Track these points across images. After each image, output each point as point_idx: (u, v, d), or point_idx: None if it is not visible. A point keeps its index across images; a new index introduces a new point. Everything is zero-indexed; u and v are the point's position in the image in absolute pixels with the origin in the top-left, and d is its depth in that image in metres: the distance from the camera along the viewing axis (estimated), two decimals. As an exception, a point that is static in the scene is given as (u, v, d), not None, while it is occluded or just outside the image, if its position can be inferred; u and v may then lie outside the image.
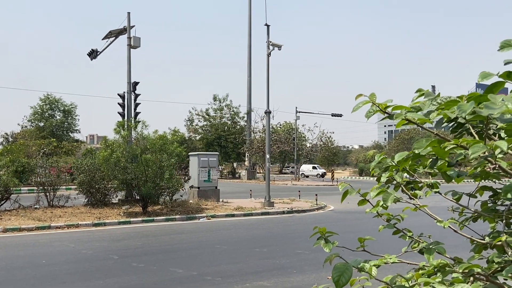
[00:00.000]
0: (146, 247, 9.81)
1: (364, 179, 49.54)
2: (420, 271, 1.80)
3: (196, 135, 50.37)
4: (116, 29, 20.47)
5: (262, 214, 15.60)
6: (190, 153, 19.08)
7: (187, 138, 49.19)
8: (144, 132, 15.23)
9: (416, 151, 1.63)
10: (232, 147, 47.94)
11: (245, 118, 48.76)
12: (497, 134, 1.85)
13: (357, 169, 64.92)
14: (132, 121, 17.67)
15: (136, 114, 19.06)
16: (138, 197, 15.10)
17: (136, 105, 19.09)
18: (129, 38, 19.56)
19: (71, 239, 10.80)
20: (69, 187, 21.51)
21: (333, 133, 48.62)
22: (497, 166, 1.30)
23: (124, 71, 19.61)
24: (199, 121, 50.58)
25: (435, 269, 1.72)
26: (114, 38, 20.85)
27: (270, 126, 47.96)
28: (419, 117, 1.40)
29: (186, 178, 16.66)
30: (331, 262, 1.70)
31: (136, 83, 19.18)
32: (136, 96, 19.10)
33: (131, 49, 19.64)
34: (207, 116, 50.15)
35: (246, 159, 47.15)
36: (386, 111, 1.50)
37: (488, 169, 1.31)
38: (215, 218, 14.52)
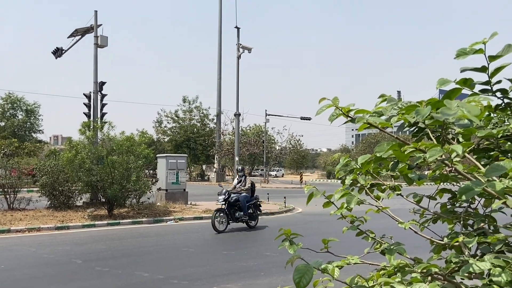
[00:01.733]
0: (111, 250, 9.57)
1: (332, 182, 50.32)
2: (381, 272, 1.84)
3: (165, 137, 49.72)
4: (82, 27, 19.94)
5: (231, 216, 15.53)
6: (158, 155, 18.79)
7: (155, 139, 48.48)
8: (111, 133, 14.90)
9: (378, 154, 1.68)
10: (201, 149, 47.61)
11: (215, 120, 48.56)
12: (455, 139, 1.93)
13: (325, 172, 65.97)
14: (98, 122, 17.23)
15: (103, 114, 18.60)
16: (104, 200, 14.73)
17: (103, 105, 18.65)
18: (96, 37, 19.09)
19: (32, 243, 10.40)
20: (31, 189, 20.70)
21: (302, 136, 49.23)
22: (453, 169, 1.35)
23: (91, 70, 19.12)
24: (168, 122, 50.03)
25: (395, 269, 1.77)
26: (80, 36, 20.30)
27: (240, 129, 48.18)
28: (380, 121, 1.44)
29: (154, 180, 16.39)
30: (292, 263, 1.72)
31: (102, 83, 18.73)
32: (103, 96, 18.66)
33: (98, 48, 19.17)
34: (176, 118, 49.63)
35: (216, 161, 46.91)
36: (349, 115, 1.53)
37: (445, 172, 1.36)
38: (183, 220, 14.35)
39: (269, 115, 46.45)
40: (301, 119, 44.57)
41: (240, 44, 17.07)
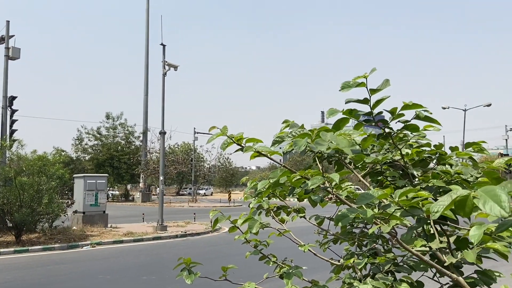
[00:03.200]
0: (17, 281, 8.71)
1: (260, 199, 50.89)
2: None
3: (86, 155, 47.04)
4: (-9, 37, 18.40)
5: (154, 239, 15.00)
6: (75, 175, 17.67)
7: (74, 158, 45.67)
8: (20, 152, 13.74)
9: (271, 181, 1.71)
10: (126, 168, 45.70)
11: (141, 138, 47.06)
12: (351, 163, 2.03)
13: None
14: (7, 140, 15.84)
15: (12, 131, 17.18)
16: (11, 225, 13.46)
17: (13, 121, 17.22)
18: (7, 48, 17.72)
19: None
20: None
21: (231, 154, 49.31)
22: (334, 196, 1.41)
23: (0, 84, 17.62)
24: (89, 140, 47.43)
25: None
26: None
27: (168, 147, 47.12)
28: (267, 150, 1.47)
29: (70, 202, 15.33)
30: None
31: (13, 98, 17.33)
32: (13, 111, 17.25)
33: (9, 60, 17.78)
34: (98, 135, 47.26)
35: (141, 180, 45.28)
36: (241, 143, 1.55)
37: (327, 199, 1.42)
38: (101, 245, 13.54)
39: (197, 133, 46.16)
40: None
41: (166, 62, 16.83)
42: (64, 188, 15.02)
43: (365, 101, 1.62)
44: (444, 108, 42.25)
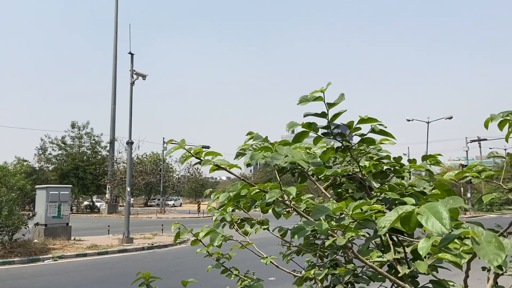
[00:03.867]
0: (-31, 299, 8.26)
1: (229, 210, 50.67)
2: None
3: (49, 165, 45.46)
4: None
5: (119, 251, 14.60)
6: (37, 186, 17.02)
7: (37, 168, 44.07)
8: (-22, 162, 13.12)
9: (231, 194, 1.71)
10: (91, 178, 44.43)
11: (108, 148, 45.99)
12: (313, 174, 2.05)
13: (223, 201, 66.50)
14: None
15: (-30, 140, 16.38)
16: (-34, 239, 12.79)
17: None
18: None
19: None
20: None
21: (199, 164, 48.58)
22: (292, 209, 1.42)
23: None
24: (53, 149, 45.89)
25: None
26: None
27: (136, 157, 46.22)
28: (226, 163, 1.47)
29: (31, 214, 14.73)
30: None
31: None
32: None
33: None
34: (63, 145, 45.82)
35: (107, 191, 44.16)
36: (200, 156, 1.54)
37: (286, 212, 1.43)
38: (63, 259, 13.05)
39: (166, 143, 45.55)
40: (202, 147, 44.43)
41: (134, 71, 16.59)
42: (25, 200, 14.43)
43: (323, 114, 1.65)
44: (408, 120, 43.59)
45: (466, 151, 50.31)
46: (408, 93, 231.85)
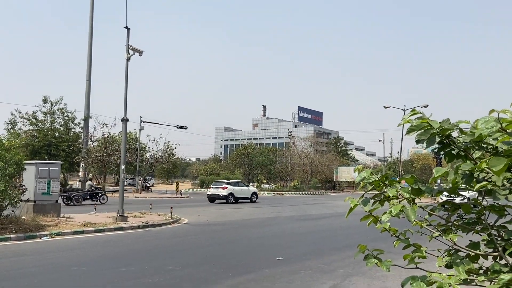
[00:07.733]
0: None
1: (205, 191, 50.54)
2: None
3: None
4: None
5: (116, 229, 14.36)
6: (26, 161, 16.35)
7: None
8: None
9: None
10: (64, 155, 43.00)
11: (82, 125, 44.55)
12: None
13: (198, 182, 66.26)
14: None
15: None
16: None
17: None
18: None
19: None
20: None
21: (179, 145, 48.04)
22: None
23: None
24: (23, 125, 43.98)
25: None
26: None
27: (111, 136, 45.03)
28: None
29: (22, 190, 14.18)
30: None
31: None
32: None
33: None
34: (34, 120, 43.98)
35: (81, 169, 42.91)
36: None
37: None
38: (60, 236, 12.71)
39: (144, 122, 44.73)
40: (177, 127, 43.90)
41: (130, 46, 16.04)
42: (15, 175, 13.89)
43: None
44: (385, 108, 44.68)
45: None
46: (387, 81, 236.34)
